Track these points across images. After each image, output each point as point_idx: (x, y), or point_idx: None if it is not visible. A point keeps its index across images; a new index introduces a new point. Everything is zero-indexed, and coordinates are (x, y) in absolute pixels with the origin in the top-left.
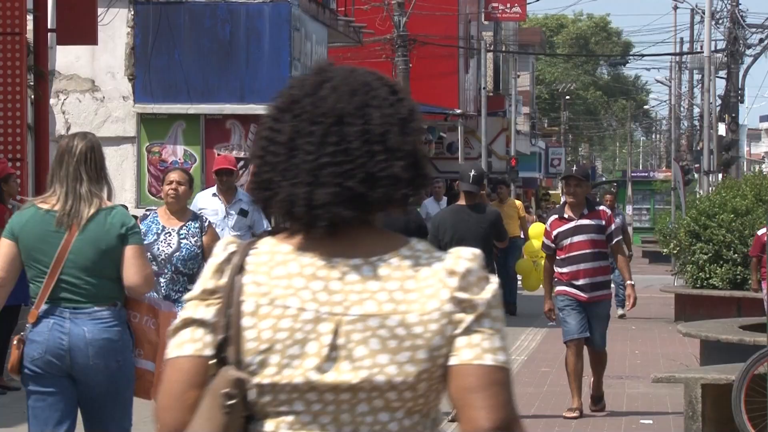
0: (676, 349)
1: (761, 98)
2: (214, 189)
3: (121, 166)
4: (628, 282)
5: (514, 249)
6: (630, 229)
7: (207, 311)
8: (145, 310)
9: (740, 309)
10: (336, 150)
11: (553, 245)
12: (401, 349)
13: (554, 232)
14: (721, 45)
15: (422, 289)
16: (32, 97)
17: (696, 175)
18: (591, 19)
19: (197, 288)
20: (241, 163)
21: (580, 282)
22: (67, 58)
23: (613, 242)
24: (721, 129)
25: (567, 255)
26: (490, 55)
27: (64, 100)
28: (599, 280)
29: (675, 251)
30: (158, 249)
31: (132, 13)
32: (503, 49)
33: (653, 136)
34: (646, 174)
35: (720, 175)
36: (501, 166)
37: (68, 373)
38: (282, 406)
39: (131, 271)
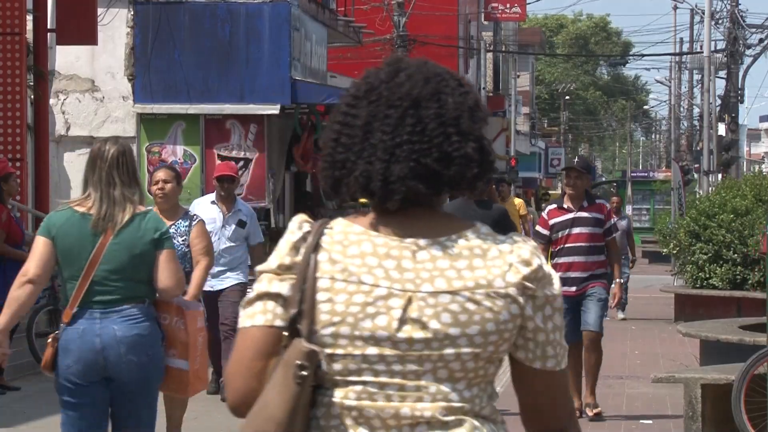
0: (675, 349)
1: (761, 98)
2: (212, 196)
3: None
4: (617, 280)
5: None
6: None
7: (281, 285)
8: (174, 312)
9: (740, 309)
10: (413, 130)
11: (548, 234)
12: (470, 323)
13: (551, 221)
14: (721, 45)
15: (489, 268)
16: (32, 97)
17: (696, 175)
18: (591, 19)
19: (272, 263)
20: (241, 163)
21: (572, 274)
22: (66, 58)
23: (611, 237)
24: (721, 129)
25: (563, 246)
26: (489, 55)
27: (64, 100)
28: (592, 274)
29: (675, 251)
30: None
31: (132, 13)
32: (503, 49)
33: (653, 136)
34: (646, 174)
35: (720, 176)
36: (501, 166)
37: (103, 375)
38: (351, 376)
39: (165, 275)
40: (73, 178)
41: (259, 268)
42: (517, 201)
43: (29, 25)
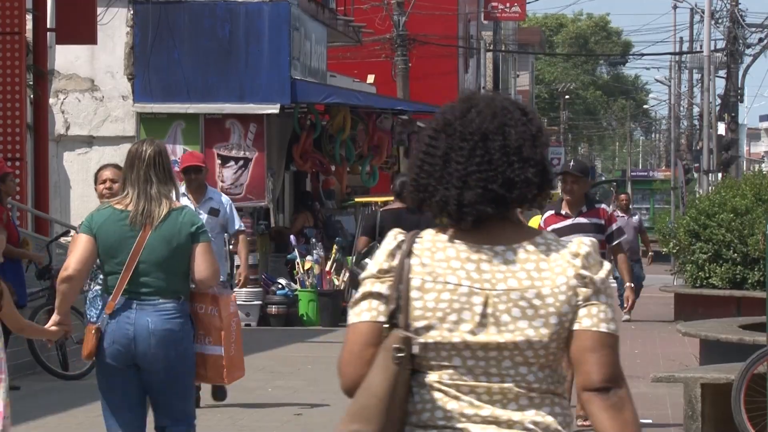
0: (675, 349)
1: (761, 98)
2: (183, 188)
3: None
4: (627, 284)
5: None
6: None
7: (382, 286)
8: (209, 301)
9: (740, 309)
10: (481, 161)
11: None
12: (537, 316)
13: (549, 228)
14: (721, 44)
15: (553, 268)
16: (31, 96)
17: (696, 175)
18: (591, 19)
19: (372, 268)
20: (241, 162)
21: None
22: (66, 57)
23: (613, 243)
24: (721, 128)
25: None
26: (489, 54)
27: (64, 99)
28: None
29: (674, 251)
30: None
31: (131, 12)
32: (503, 48)
33: (653, 136)
34: (646, 173)
35: (719, 175)
36: None
37: (132, 362)
38: (443, 361)
39: (202, 267)
40: (72, 178)
41: (362, 275)
42: None
43: (29, 25)
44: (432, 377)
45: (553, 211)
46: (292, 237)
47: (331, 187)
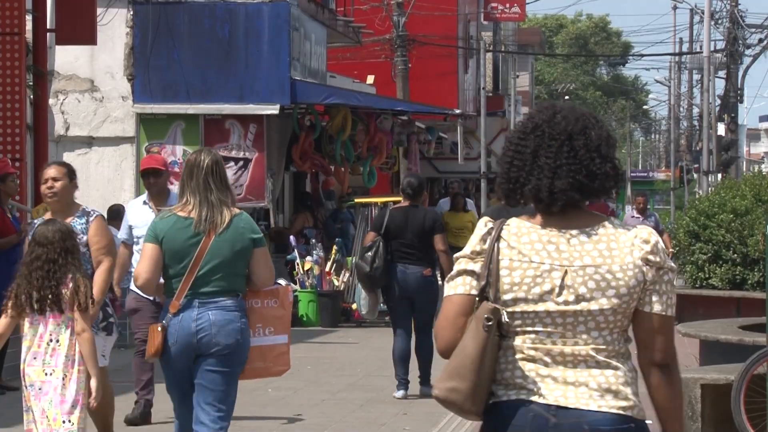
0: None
1: (760, 98)
2: (145, 196)
3: (120, 166)
4: None
5: None
6: None
7: (474, 265)
8: (263, 296)
9: (740, 309)
10: (568, 156)
11: None
12: (608, 288)
13: None
14: (721, 45)
15: (621, 248)
16: (31, 97)
17: (695, 175)
18: (590, 19)
19: (467, 250)
20: (240, 163)
21: None
22: (66, 58)
23: None
24: (721, 129)
25: None
26: (489, 55)
27: (63, 100)
28: None
29: (674, 251)
30: None
31: (131, 13)
32: (502, 49)
33: (652, 136)
34: (646, 174)
35: (719, 175)
36: None
37: (196, 354)
38: (527, 327)
39: (261, 269)
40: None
41: (457, 254)
42: None
43: (29, 25)
44: (516, 342)
45: None
46: (291, 237)
47: (330, 188)
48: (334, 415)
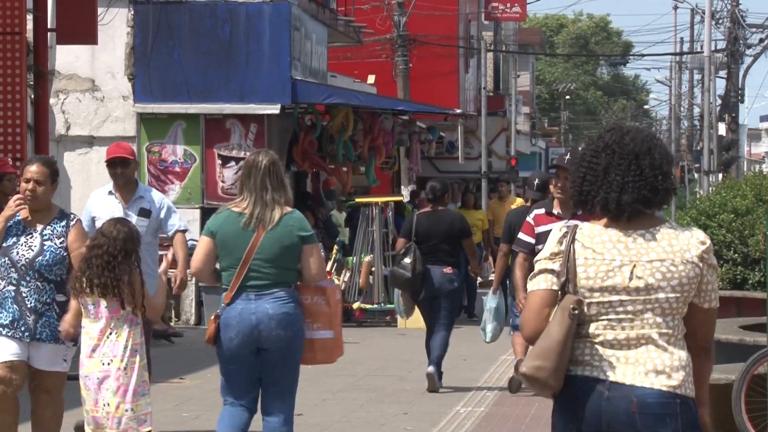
0: None
1: (761, 98)
2: (110, 185)
3: None
4: None
5: None
6: None
7: (554, 264)
8: (313, 292)
9: (740, 309)
10: (635, 174)
11: (532, 243)
12: (672, 278)
13: (538, 229)
14: (721, 45)
15: (681, 245)
16: (32, 96)
17: (696, 175)
18: (591, 19)
19: (546, 252)
20: (241, 163)
21: None
22: (66, 57)
23: None
24: (721, 129)
25: None
26: (490, 54)
27: (64, 99)
28: None
29: None
30: (18, 253)
31: (132, 12)
32: (503, 49)
33: None
34: None
35: (720, 175)
36: (501, 165)
37: (256, 346)
38: (600, 315)
39: (311, 265)
40: (73, 178)
41: (537, 256)
42: (518, 200)
43: (29, 25)
44: (590, 327)
45: (543, 210)
46: None
47: (331, 188)
48: (334, 415)
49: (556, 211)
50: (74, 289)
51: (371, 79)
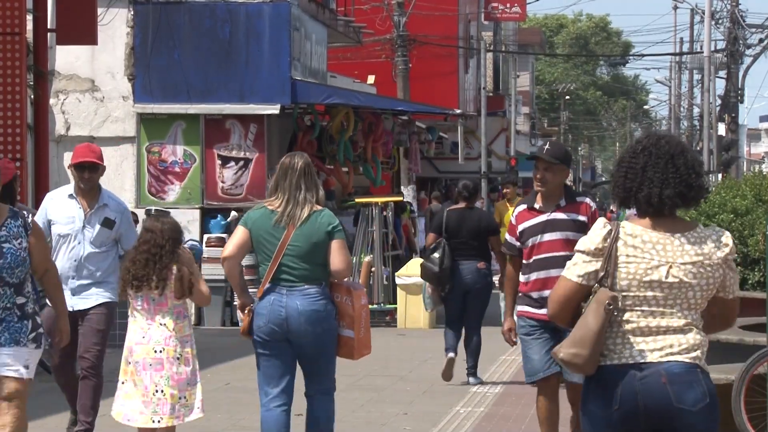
0: None
1: (761, 98)
2: (70, 188)
3: (121, 166)
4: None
5: None
6: None
7: (594, 259)
8: (344, 292)
9: (740, 309)
10: (673, 171)
11: (517, 245)
12: (703, 277)
13: (520, 227)
14: (721, 45)
15: (710, 248)
16: (32, 97)
17: None
18: (591, 19)
19: (590, 246)
20: (241, 163)
21: (548, 293)
22: (66, 58)
23: None
24: (721, 129)
25: (534, 258)
26: (489, 55)
27: (64, 100)
28: None
29: None
30: None
31: (132, 13)
32: (503, 49)
33: None
34: None
35: (720, 175)
36: (501, 166)
37: (286, 337)
38: (635, 307)
39: (337, 260)
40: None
41: (579, 247)
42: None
43: (29, 25)
44: (624, 317)
45: (525, 206)
46: None
47: (331, 188)
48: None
49: (537, 205)
50: (126, 285)
51: (371, 79)
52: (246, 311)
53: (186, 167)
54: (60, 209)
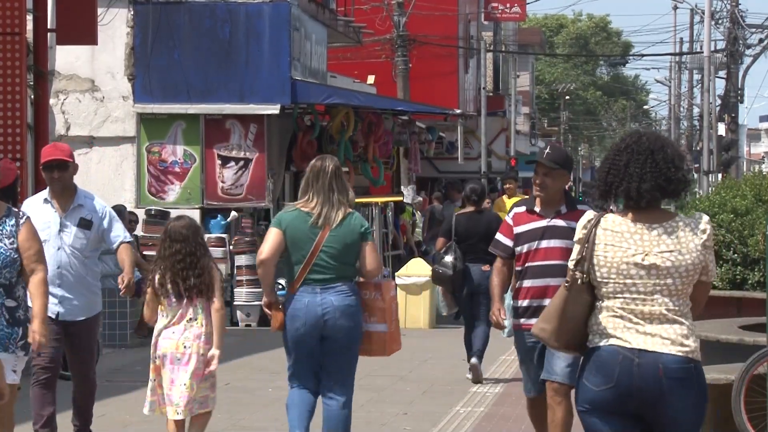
0: None
1: (761, 98)
2: (46, 193)
3: (121, 166)
4: None
5: None
6: None
7: (576, 248)
8: (372, 288)
9: (740, 309)
10: (651, 166)
11: (511, 246)
12: (679, 266)
13: (517, 229)
14: (721, 45)
15: (687, 236)
16: (32, 97)
17: (696, 175)
18: (591, 19)
19: (576, 236)
20: (241, 163)
21: (547, 302)
22: (66, 58)
23: None
24: (721, 129)
25: (529, 264)
26: (489, 55)
27: (64, 100)
28: None
29: None
30: None
31: (132, 13)
32: (503, 49)
33: None
34: None
35: (720, 175)
36: (501, 166)
37: (321, 334)
38: (617, 294)
39: (369, 261)
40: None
41: (575, 238)
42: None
43: (29, 25)
44: (608, 303)
45: (524, 208)
46: None
47: None
48: None
49: (537, 209)
50: (161, 291)
51: (371, 79)
52: (273, 308)
53: (186, 167)
54: (36, 215)
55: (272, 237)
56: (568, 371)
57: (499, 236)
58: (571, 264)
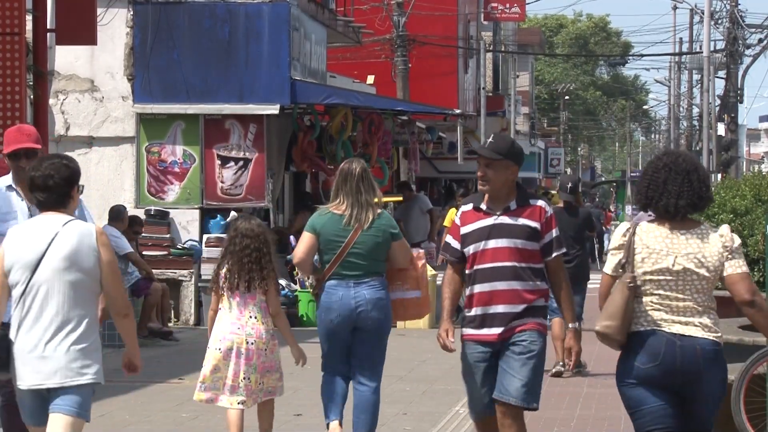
0: None
1: (760, 98)
2: (8, 179)
3: (120, 166)
4: (569, 326)
5: None
6: None
7: (619, 253)
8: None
9: (740, 309)
10: (688, 186)
11: (460, 250)
12: (705, 265)
13: (464, 229)
14: (721, 45)
15: (711, 241)
16: (31, 97)
17: None
18: (590, 19)
19: (615, 243)
20: (240, 163)
21: (495, 309)
22: (66, 58)
23: (552, 257)
24: (721, 129)
25: (477, 267)
26: (489, 55)
27: (64, 100)
28: (524, 308)
29: None
30: None
31: (131, 13)
32: (502, 49)
33: (652, 136)
34: None
35: (719, 176)
36: None
37: (354, 326)
38: (654, 290)
39: (400, 258)
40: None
41: (609, 247)
42: None
43: (29, 25)
44: (646, 299)
45: (471, 206)
46: (291, 237)
47: (331, 188)
48: None
49: (484, 206)
50: (228, 285)
51: (370, 79)
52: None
53: (185, 167)
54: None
55: (306, 240)
56: (523, 391)
57: (448, 238)
58: (610, 270)
